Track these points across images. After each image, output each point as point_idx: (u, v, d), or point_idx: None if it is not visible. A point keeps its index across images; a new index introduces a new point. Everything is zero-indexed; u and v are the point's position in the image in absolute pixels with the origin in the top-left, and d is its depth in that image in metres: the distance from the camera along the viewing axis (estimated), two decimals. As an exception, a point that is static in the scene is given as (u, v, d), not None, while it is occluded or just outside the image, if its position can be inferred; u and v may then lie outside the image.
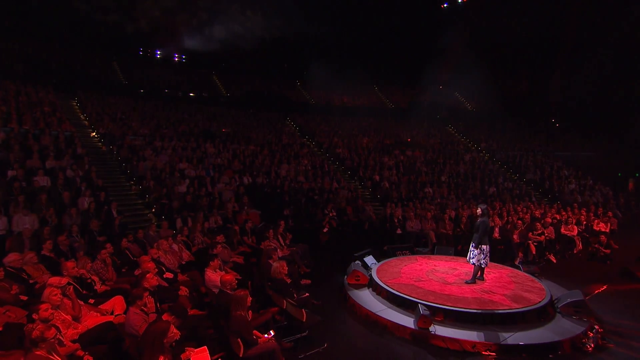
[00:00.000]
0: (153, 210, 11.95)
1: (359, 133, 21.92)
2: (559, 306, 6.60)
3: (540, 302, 6.53)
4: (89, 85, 19.60)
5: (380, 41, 27.37)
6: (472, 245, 7.42)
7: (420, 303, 6.26)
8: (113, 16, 22.79)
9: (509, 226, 10.93)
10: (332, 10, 26.82)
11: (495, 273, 8.09)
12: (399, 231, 11.33)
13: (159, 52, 25.50)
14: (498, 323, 6.08)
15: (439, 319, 6.17)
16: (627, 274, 9.05)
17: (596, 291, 8.16)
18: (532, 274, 8.30)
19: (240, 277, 6.96)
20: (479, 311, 6.13)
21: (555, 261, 10.21)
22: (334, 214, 12.63)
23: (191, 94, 23.44)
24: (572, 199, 15.78)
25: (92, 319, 4.84)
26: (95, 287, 5.91)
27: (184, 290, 5.78)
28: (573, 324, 6.14)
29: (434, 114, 25.29)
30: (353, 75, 25.83)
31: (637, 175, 19.85)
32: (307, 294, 6.14)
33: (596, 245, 10.43)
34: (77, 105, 17.70)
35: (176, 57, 25.82)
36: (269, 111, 23.26)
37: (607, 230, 11.51)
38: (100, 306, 5.23)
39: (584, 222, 11.77)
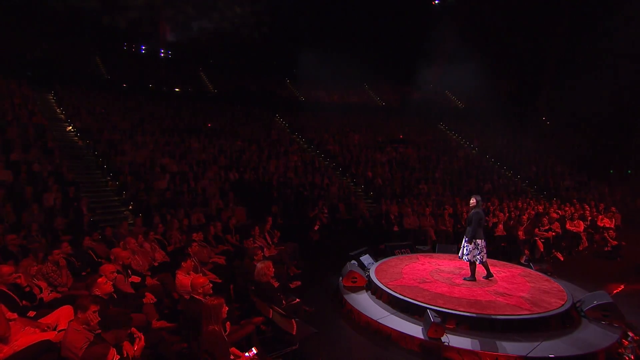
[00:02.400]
0: (130, 207, 10.81)
1: (350, 130, 20.95)
2: (585, 310, 5.70)
3: (563, 305, 5.62)
4: (69, 79, 18.24)
5: (370, 39, 26.48)
6: (465, 240, 6.55)
7: (429, 308, 5.29)
8: (97, 10, 21.48)
9: (511, 222, 10.05)
10: (321, 8, 25.96)
11: (506, 272, 7.17)
12: (395, 228, 10.36)
13: (144, 47, 24.16)
14: (519, 330, 5.13)
15: (450, 327, 5.20)
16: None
17: (614, 291, 7.32)
18: (545, 272, 7.40)
19: (220, 281, 5.92)
20: (498, 317, 5.18)
21: (562, 259, 9.35)
22: (326, 210, 11.62)
23: (176, 89, 22.19)
24: (569, 195, 15.06)
25: (26, 338, 3.73)
26: (41, 295, 4.78)
27: (149, 298, 4.69)
28: (604, 330, 5.24)
29: (425, 111, 24.47)
30: (343, 73, 24.89)
31: (629, 172, 19.31)
32: (297, 300, 5.11)
33: (605, 235, 9.70)
34: (53, 99, 16.37)
35: (162, 53, 24.51)
36: (258, 108, 22.14)
37: (612, 226, 10.72)
38: (42, 320, 4.11)
39: (589, 218, 10.97)
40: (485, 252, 6.50)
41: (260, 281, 4.74)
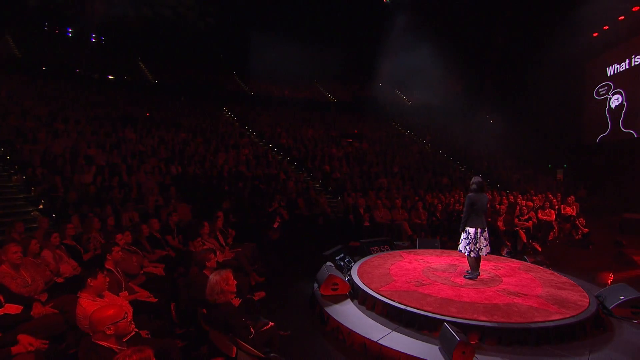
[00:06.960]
0: (40, 206, 8.26)
1: (303, 124, 19.39)
2: (611, 307, 4.64)
3: (590, 303, 4.50)
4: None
5: (319, 36, 25.15)
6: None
7: (445, 320, 3.86)
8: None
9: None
10: (269, 1, 24.26)
11: (505, 267, 6.01)
12: (367, 223, 8.94)
13: (70, 30, 20.56)
14: (556, 341, 3.89)
15: (472, 342, 3.80)
16: (624, 259, 7.61)
17: (609, 281, 6.51)
18: (541, 264, 6.39)
19: (155, 300, 4.01)
20: (536, 325, 3.88)
21: (540, 249, 8.55)
22: (284, 204, 9.93)
23: (110, 77, 19.07)
24: (521, 187, 14.80)
25: None
26: None
27: (25, 343, 2.70)
28: (647, 333, 4.17)
29: (377, 108, 23.63)
30: (292, 69, 23.25)
31: (565, 166, 19.87)
32: (271, 324, 3.40)
33: (576, 222, 9.16)
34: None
35: (93, 38, 21.08)
36: (203, 100, 19.75)
37: (575, 214, 10.27)
38: None
39: (556, 207, 10.43)
40: (481, 244, 5.28)
41: (217, 302, 2.97)
